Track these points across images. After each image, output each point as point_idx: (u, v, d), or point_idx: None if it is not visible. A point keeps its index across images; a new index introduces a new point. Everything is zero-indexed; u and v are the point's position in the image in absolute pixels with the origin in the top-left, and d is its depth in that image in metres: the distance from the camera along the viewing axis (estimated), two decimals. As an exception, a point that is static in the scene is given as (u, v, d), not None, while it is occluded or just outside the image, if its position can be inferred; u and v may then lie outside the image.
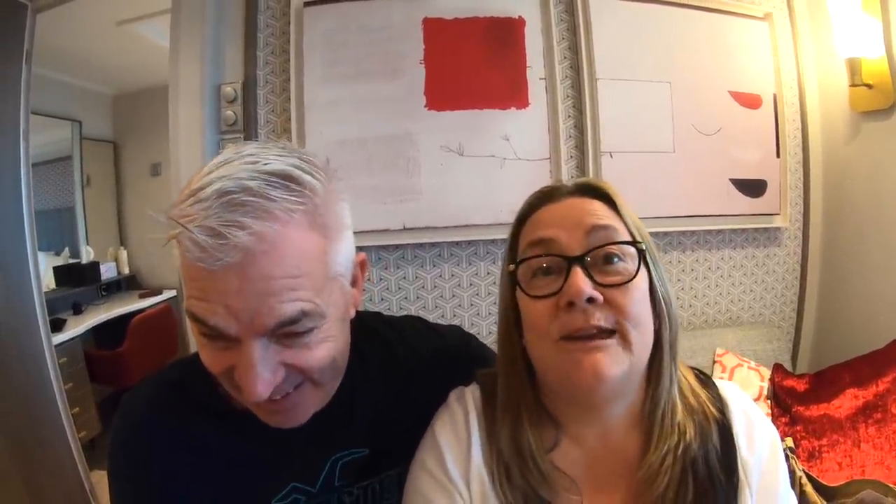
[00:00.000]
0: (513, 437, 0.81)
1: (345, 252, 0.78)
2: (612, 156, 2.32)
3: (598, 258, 0.76)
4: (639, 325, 0.74)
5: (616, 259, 0.76)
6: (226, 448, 0.84)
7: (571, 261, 0.75)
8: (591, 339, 0.73)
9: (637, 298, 0.75)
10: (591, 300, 0.73)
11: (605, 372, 0.72)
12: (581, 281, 0.73)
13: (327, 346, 0.75)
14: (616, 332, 0.74)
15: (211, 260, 0.64)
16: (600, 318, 0.73)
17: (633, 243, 0.77)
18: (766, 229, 2.57)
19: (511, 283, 0.83)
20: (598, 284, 0.74)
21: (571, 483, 0.79)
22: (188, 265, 0.67)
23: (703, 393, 0.84)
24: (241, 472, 0.84)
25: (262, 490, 0.85)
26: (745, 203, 2.49)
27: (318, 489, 0.87)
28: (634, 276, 0.75)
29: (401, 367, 0.97)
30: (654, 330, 0.78)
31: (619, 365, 0.73)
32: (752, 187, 2.50)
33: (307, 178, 0.71)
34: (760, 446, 0.80)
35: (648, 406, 0.81)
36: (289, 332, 0.70)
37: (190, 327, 0.74)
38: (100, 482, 2.75)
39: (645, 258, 0.78)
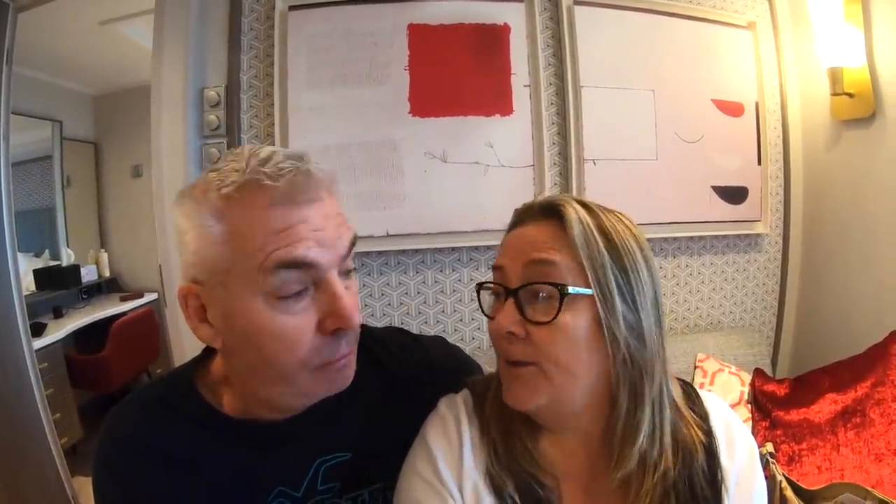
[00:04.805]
0: (503, 425, 0.84)
1: None
2: (595, 163, 2.33)
3: (531, 292, 0.77)
4: (559, 364, 0.75)
5: (543, 296, 0.76)
6: (213, 457, 0.84)
7: (507, 293, 0.79)
8: (513, 367, 0.78)
9: (559, 338, 0.75)
10: (512, 333, 0.76)
11: (519, 400, 0.78)
12: (503, 315, 0.77)
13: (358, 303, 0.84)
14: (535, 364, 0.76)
15: (303, 196, 0.75)
16: (518, 353, 0.77)
17: (556, 285, 0.75)
18: (746, 235, 2.60)
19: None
20: (525, 319, 0.76)
21: (551, 470, 0.82)
22: (269, 221, 0.74)
23: (688, 414, 0.84)
24: (230, 480, 0.84)
25: (251, 495, 0.85)
26: (726, 209, 2.52)
27: (303, 493, 0.87)
28: (554, 318, 0.75)
29: (385, 379, 0.98)
30: (610, 366, 0.78)
31: (533, 395, 0.77)
32: (734, 194, 2.53)
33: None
34: (739, 454, 0.82)
35: (609, 431, 0.81)
36: (346, 266, 0.81)
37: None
38: (82, 489, 2.73)
39: (592, 300, 0.76)
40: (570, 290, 0.75)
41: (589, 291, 0.76)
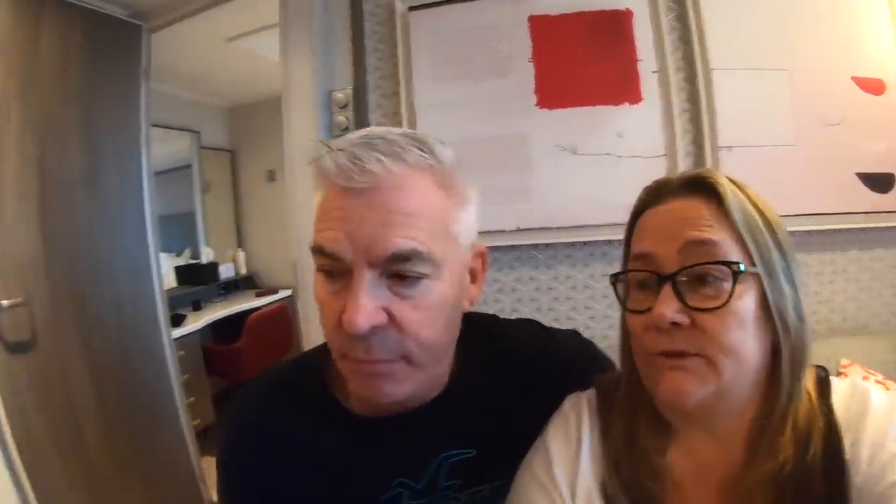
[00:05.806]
0: (627, 432, 0.80)
1: (466, 222, 0.82)
2: (730, 150, 2.21)
3: (691, 276, 0.71)
4: (731, 353, 0.69)
5: (711, 279, 0.70)
6: (333, 447, 0.86)
7: (662, 280, 0.72)
8: (672, 359, 0.71)
9: (731, 324, 0.69)
10: (675, 324, 0.70)
11: (683, 392, 0.71)
12: (665, 305, 0.70)
13: (430, 316, 0.77)
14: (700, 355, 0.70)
15: (345, 178, 0.72)
16: (684, 343, 0.70)
17: (728, 264, 0.70)
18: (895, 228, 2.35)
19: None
20: (687, 306, 0.70)
21: (677, 485, 0.77)
22: (323, 202, 0.76)
23: (817, 405, 0.75)
24: (348, 471, 0.86)
25: (369, 489, 0.86)
26: (873, 199, 2.30)
27: (423, 486, 0.88)
28: (727, 302, 0.69)
29: (513, 372, 0.95)
30: (772, 342, 0.73)
31: (701, 387, 0.70)
32: (879, 182, 2.31)
33: (439, 147, 0.80)
34: (868, 434, 0.69)
35: (760, 422, 0.75)
36: (400, 271, 0.74)
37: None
38: (210, 468, 2.91)
39: (758, 278, 0.71)
40: (742, 267, 0.70)
41: (755, 270, 0.71)
